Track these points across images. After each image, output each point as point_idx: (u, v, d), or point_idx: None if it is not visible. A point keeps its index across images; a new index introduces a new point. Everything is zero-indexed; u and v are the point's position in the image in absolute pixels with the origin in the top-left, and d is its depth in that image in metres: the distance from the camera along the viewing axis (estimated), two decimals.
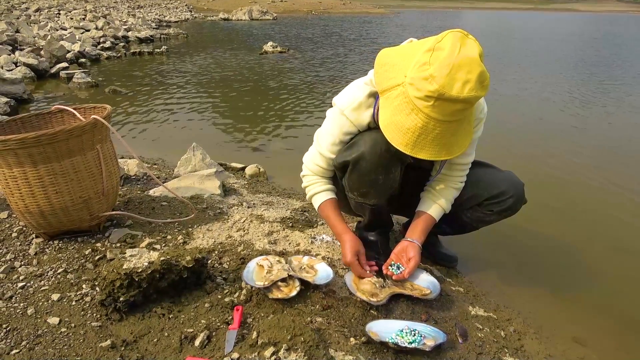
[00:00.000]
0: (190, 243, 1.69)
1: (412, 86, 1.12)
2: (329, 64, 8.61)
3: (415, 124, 1.14)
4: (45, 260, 1.52)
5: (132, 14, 20.98)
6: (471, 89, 1.07)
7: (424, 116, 1.13)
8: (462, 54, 1.07)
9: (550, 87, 6.54)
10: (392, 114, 1.18)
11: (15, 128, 1.71)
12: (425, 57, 1.09)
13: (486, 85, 1.11)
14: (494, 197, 1.53)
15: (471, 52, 1.08)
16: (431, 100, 1.09)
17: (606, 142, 3.98)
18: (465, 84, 1.07)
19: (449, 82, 1.06)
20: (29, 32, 9.26)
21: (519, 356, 1.35)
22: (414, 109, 1.14)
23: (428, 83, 1.08)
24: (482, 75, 1.08)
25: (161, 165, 2.95)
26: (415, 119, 1.14)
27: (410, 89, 1.13)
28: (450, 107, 1.10)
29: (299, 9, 39.81)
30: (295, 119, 4.61)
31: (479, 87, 1.08)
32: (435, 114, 1.11)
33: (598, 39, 16.84)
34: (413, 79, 1.11)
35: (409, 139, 1.17)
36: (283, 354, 1.11)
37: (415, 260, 1.44)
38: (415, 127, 1.15)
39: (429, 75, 1.07)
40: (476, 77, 1.07)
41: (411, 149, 1.18)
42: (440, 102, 1.09)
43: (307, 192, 1.60)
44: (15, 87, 4.74)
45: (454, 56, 1.06)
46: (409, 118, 1.15)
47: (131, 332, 1.20)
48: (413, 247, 1.47)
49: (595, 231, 2.34)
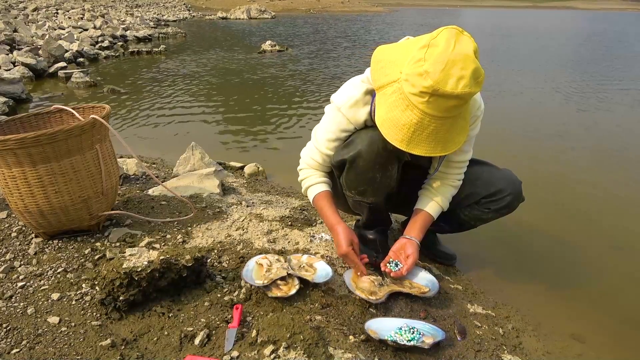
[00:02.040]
0: (189, 242, 1.70)
1: (407, 82, 1.12)
2: (327, 62, 8.61)
3: (410, 120, 1.15)
4: (45, 260, 1.52)
5: (130, 13, 20.94)
6: (465, 85, 1.07)
7: (419, 112, 1.13)
8: (456, 50, 1.07)
9: (550, 84, 6.55)
10: (388, 110, 1.19)
11: (14, 128, 1.71)
12: (420, 54, 1.10)
13: (480, 81, 1.11)
14: (491, 195, 1.53)
15: (466, 49, 1.09)
16: (426, 96, 1.09)
17: (605, 140, 3.99)
18: (459, 80, 1.07)
19: (443, 78, 1.06)
20: (27, 32, 9.24)
21: (517, 353, 1.36)
22: (409, 105, 1.14)
23: (423, 79, 1.08)
24: (477, 71, 1.09)
25: (160, 165, 2.95)
26: (410, 115, 1.15)
27: (405, 85, 1.13)
28: (445, 103, 1.11)
29: (298, 7, 39.78)
30: (294, 117, 4.61)
31: (473, 83, 1.09)
32: (430, 110, 1.12)
33: (598, 38, 16.83)
34: (408, 75, 1.12)
35: (404, 135, 1.17)
36: (282, 352, 1.12)
37: (414, 258, 1.45)
38: (410, 123, 1.15)
39: (423, 71, 1.08)
40: (470, 73, 1.07)
41: (406, 145, 1.18)
42: (435, 98, 1.09)
43: (302, 185, 1.60)
44: (13, 86, 4.74)
45: (449, 52, 1.07)
46: (405, 114, 1.15)
47: (131, 331, 1.20)
48: (411, 245, 1.48)
49: (593, 229, 2.34)
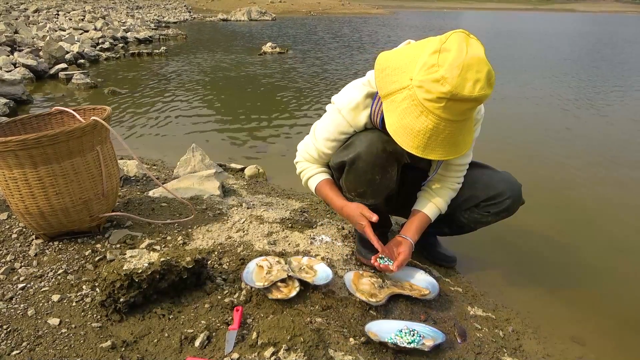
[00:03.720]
0: (190, 244, 1.70)
1: (421, 89, 1.12)
2: (328, 64, 8.62)
3: (425, 125, 1.14)
4: (46, 261, 1.52)
5: (131, 14, 20.97)
6: (482, 87, 1.08)
7: (435, 117, 1.13)
8: (470, 53, 1.08)
9: (549, 87, 6.56)
10: (400, 118, 1.18)
11: (16, 129, 1.72)
12: (433, 59, 1.09)
13: (493, 82, 1.12)
14: (491, 198, 1.53)
15: (478, 52, 1.10)
16: (443, 101, 1.09)
17: (605, 142, 3.99)
18: (476, 83, 1.08)
19: (460, 83, 1.07)
20: (27, 33, 9.26)
21: (517, 356, 1.36)
22: (423, 111, 1.14)
23: (440, 85, 1.08)
24: (490, 73, 1.10)
25: (161, 166, 2.95)
26: (425, 121, 1.14)
27: (418, 92, 1.13)
28: (461, 107, 1.11)
29: (298, 9, 39.82)
30: (295, 119, 4.61)
31: (487, 85, 1.10)
32: (446, 115, 1.12)
33: (598, 39, 16.86)
34: (422, 82, 1.11)
35: (420, 141, 1.17)
36: (283, 354, 1.12)
37: (404, 255, 1.45)
38: (426, 128, 1.15)
39: (440, 77, 1.07)
40: (485, 75, 1.08)
41: (422, 151, 1.18)
42: (452, 103, 1.10)
43: (302, 177, 1.61)
44: (14, 88, 4.74)
45: (463, 56, 1.07)
46: (419, 120, 1.15)
47: (131, 333, 1.20)
48: (405, 243, 1.48)
49: (593, 231, 2.35)
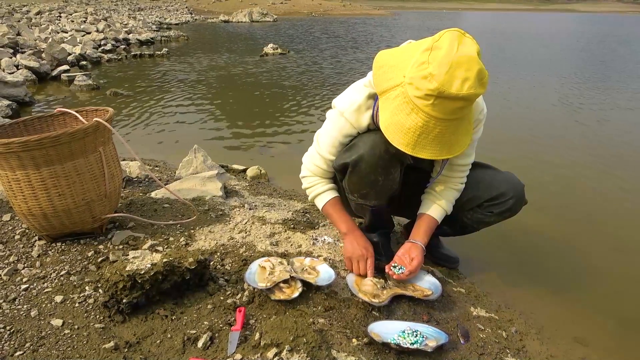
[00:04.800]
0: (192, 245, 1.70)
1: (411, 85, 1.12)
2: (329, 65, 8.62)
3: (415, 123, 1.15)
4: (48, 263, 1.52)
5: (133, 16, 21.04)
6: (470, 86, 1.08)
7: (425, 115, 1.13)
8: (460, 52, 1.08)
9: (552, 88, 6.55)
10: (392, 115, 1.18)
11: (18, 131, 1.72)
12: (424, 57, 1.10)
13: (485, 82, 1.11)
14: (494, 198, 1.53)
15: (469, 50, 1.09)
16: (431, 98, 1.09)
17: (607, 142, 3.98)
18: (464, 82, 1.07)
19: (448, 80, 1.06)
20: (30, 35, 9.29)
21: (520, 357, 1.35)
22: (414, 109, 1.14)
23: (427, 81, 1.08)
24: (481, 72, 1.09)
25: (163, 167, 2.95)
26: (415, 119, 1.14)
27: (409, 89, 1.13)
28: (450, 105, 1.11)
29: (299, 10, 39.88)
30: (296, 120, 4.61)
31: (478, 84, 1.09)
32: (436, 113, 1.12)
33: (598, 40, 16.83)
34: (412, 79, 1.12)
35: (410, 139, 1.17)
36: (285, 355, 1.11)
37: (418, 261, 1.45)
38: (415, 126, 1.15)
39: (428, 74, 1.08)
40: (475, 74, 1.07)
41: (412, 149, 1.18)
42: (440, 101, 1.09)
43: (309, 194, 1.60)
44: (16, 89, 4.75)
45: (452, 54, 1.07)
46: (409, 118, 1.15)
47: (134, 334, 1.20)
48: (416, 248, 1.48)
49: (596, 232, 2.34)
